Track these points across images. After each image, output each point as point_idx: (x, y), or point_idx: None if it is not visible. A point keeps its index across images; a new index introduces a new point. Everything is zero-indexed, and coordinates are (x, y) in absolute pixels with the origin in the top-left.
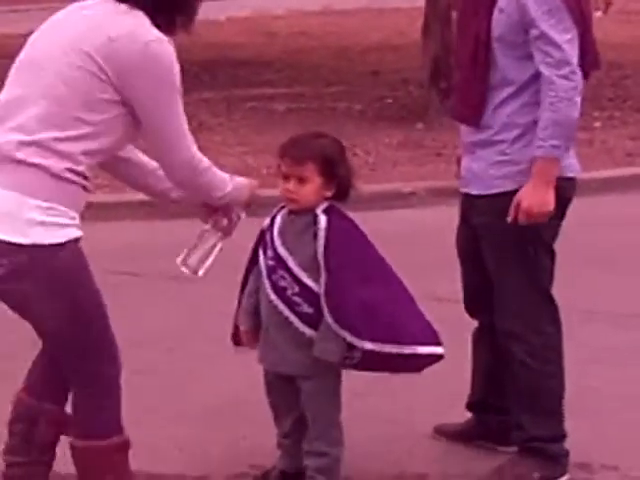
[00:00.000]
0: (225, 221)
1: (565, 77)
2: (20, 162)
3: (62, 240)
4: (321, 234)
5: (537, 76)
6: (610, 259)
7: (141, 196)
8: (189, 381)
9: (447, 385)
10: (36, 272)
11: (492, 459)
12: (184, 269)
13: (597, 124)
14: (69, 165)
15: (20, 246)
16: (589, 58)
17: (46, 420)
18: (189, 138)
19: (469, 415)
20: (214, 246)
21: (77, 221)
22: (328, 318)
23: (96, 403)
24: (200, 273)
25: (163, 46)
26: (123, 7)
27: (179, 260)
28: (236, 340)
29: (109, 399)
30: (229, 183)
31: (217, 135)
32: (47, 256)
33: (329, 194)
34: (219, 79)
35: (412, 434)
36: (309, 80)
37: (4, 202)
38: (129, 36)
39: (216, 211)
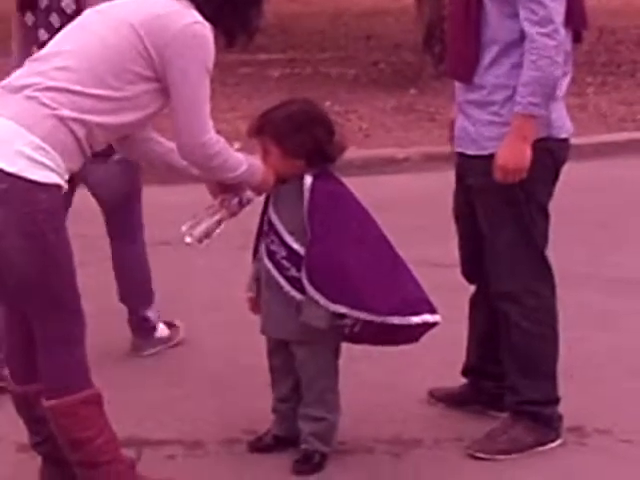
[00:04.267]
0: (235, 200)
1: (547, 35)
2: (30, 98)
3: (43, 180)
4: (306, 195)
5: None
6: (604, 223)
7: None
8: (183, 346)
9: (441, 350)
10: (12, 203)
11: (486, 424)
12: (188, 239)
13: (590, 89)
14: (77, 116)
15: (4, 173)
16: (577, 18)
17: (36, 398)
18: (209, 122)
19: (464, 380)
20: (219, 222)
21: (63, 172)
22: (304, 279)
23: (60, 360)
24: (203, 244)
25: (205, 30)
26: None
27: (184, 228)
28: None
29: (73, 355)
30: (244, 164)
31: (210, 100)
32: (26, 191)
33: (300, 162)
34: None
35: (407, 399)
36: (302, 46)
37: (2, 130)
38: (176, 14)
39: (227, 189)
